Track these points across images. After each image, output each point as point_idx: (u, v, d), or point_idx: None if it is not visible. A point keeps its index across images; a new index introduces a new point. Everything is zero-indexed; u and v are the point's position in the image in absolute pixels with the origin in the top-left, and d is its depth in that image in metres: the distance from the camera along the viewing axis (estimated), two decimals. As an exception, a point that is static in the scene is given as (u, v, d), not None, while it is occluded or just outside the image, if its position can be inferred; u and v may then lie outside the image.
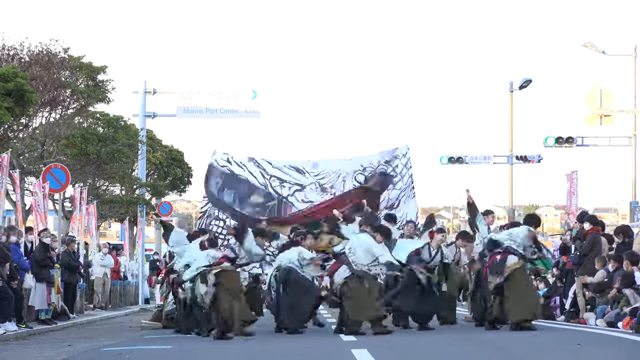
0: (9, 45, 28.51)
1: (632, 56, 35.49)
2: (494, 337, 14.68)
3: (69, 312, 22.80)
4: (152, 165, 41.60)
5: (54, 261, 21.21)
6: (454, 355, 12.33)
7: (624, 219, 62.84)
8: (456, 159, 38.71)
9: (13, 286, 18.43)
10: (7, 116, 23.65)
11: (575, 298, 19.77)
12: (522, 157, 39.08)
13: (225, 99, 38.67)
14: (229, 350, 13.49)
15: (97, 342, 16.09)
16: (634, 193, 35.55)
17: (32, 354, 14.00)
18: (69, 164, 29.25)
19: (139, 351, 13.94)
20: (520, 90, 39.56)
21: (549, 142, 36.42)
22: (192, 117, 39.10)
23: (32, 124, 28.69)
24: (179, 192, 47.37)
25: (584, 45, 35.79)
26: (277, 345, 14.47)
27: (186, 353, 13.60)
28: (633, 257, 17.78)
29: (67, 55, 29.58)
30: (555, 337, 15.04)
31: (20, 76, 24.18)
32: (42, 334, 18.79)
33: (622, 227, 20.99)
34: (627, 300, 17.09)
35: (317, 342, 14.58)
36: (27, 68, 27.44)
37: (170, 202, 47.71)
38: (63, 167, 25.47)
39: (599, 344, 13.56)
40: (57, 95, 29.11)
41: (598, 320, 17.77)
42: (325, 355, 12.62)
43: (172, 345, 14.85)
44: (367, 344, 13.53)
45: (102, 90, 30.31)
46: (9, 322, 17.83)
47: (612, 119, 35.69)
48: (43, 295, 20.51)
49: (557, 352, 12.43)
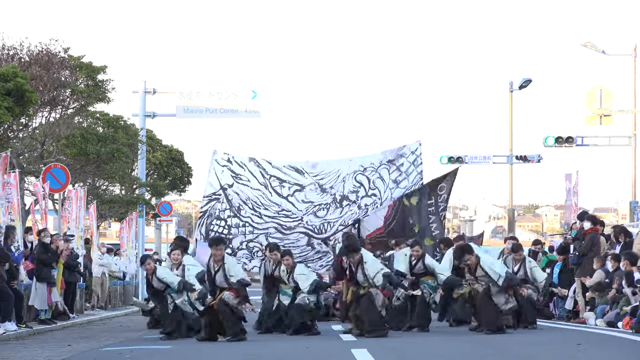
0: (9, 45, 28.49)
1: (632, 56, 35.47)
2: (494, 337, 14.68)
3: (69, 312, 22.79)
4: (152, 165, 41.62)
5: (57, 260, 21.19)
6: (454, 355, 12.33)
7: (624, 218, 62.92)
8: (456, 158, 38.68)
9: (13, 286, 18.43)
10: (7, 116, 23.63)
11: (575, 298, 19.81)
12: (522, 157, 39.07)
13: (225, 98, 38.68)
14: (229, 350, 13.49)
15: (97, 342, 16.08)
16: (634, 193, 35.54)
17: (32, 353, 14.00)
18: (68, 163, 29.25)
19: (139, 351, 13.93)
20: (520, 90, 39.54)
21: (548, 142, 36.41)
22: (192, 117, 39.10)
23: (32, 124, 28.67)
24: (179, 192, 47.39)
25: (584, 45, 35.77)
26: (277, 345, 14.47)
27: (186, 353, 13.59)
28: (632, 257, 17.79)
29: (67, 55, 29.56)
30: (555, 337, 15.05)
31: (20, 76, 24.16)
32: (42, 334, 18.78)
33: (622, 227, 21.01)
34: (627, 300, 17.09)
35: (317, 342, 14.58)
36: (27, 68, 27.42)
37: (170, 202, 47.75)
38: (63, 167, 25.47)
39: (599, 344, 13.56)
40: (57, 95, 29.08)
41: (598, 320, 17.78)
42: (325, 355, 12.62)
43: (172, 345, 14.85)
44: (367, 344, 13.53)
45: (102, 90, 30.29)
46: (9, 322, 17.83)
47: (611, 119, 35.67)
48: (43, 295, 20.51)
49: (557, 352, 12.43)
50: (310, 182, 22.35)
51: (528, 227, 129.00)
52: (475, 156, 39.42)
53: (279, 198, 22.07)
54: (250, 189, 22.19)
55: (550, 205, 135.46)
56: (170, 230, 63.80)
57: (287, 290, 17.00)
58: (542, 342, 13.97)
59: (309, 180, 22.35)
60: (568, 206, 31.92)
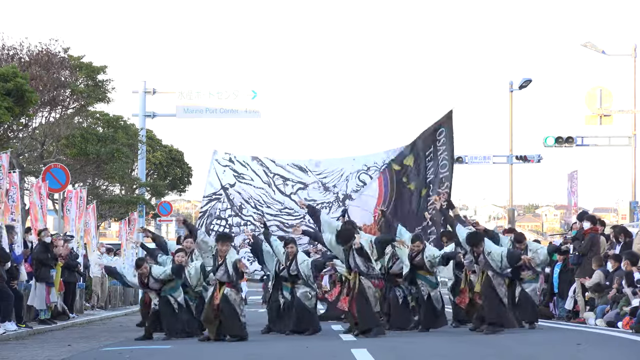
0: (9, 45, 28.52)
1: (631, 56, 35.49)
2: (494, 337, 14.67)
3: (69, 312, 22.79)
4: (151, 165, 41.64)
5: (55, 260, 21.18)
6: (454, 355, 12.32)
7: (624, 218, 62.91)
8: (456, 158, 38.65)
9: (13, 286, 18.42)
10: (7, 116, 23.65)
11: (575, 298, 19.80)
12: (522, 157, 39.07)
13: (225, 98, 38.71)
14: (229, 350, 13.49)
15: (97, 342, 16.07)
16: (634, 193, 35.55)
17: (32, 353, 13.99)
18: (68, 163, 29.28)
19: (139, 351, 13.92)
20: (520, 90, 39.55)
21: (548, 142, 36.43)
22: (192, 117, 39.13)
23: (31, 124, 28.70)
24: (179, 192, 47.44)
25: (584, 45, 35.78)
26: (277, 345, 14.47)
27: (186, 353, 13.59)
28: (632, 257, 17.78)
29: (67, 55, 29.58)
30: (555, 337, 15.05)
31: (20, 76, 24.17)
32: (41, 334, 18.77)
33: (622, 227, 21.01)
34: (627, 300, 17.08)
35: (317, 342, 14.58)
36: (27, 68, 27.45)
37: (170, 201, 47.77)
38: (63, 167, 25.46)
39: (599, 344, 13.56)
40: (56, 95, 29.11)
41: (598, 320, 17.78)
42: (325, 355, 12.61)
43: (172, 345, 14.85)
44: (367, 344, 13.54)
45: (102, 90, 30.32)
46: (8, 321, 17.82)
47: (611, 119, 35.70)
48: (42, 295, 20.50)
49: (557, 352, 12.43)
50: (314, 180, 22.33)
51: (528, 227, 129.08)
52: (475, 156, 39.43)
53: (282, 196, 22.06)
54: (253, 188, 22.17)
55: (550, 205, 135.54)
56: (171, 230, 63.82)
57: (287, 286, 17.08)
58: (542, 342, 13.96)
59: (312, 179, 22.34)
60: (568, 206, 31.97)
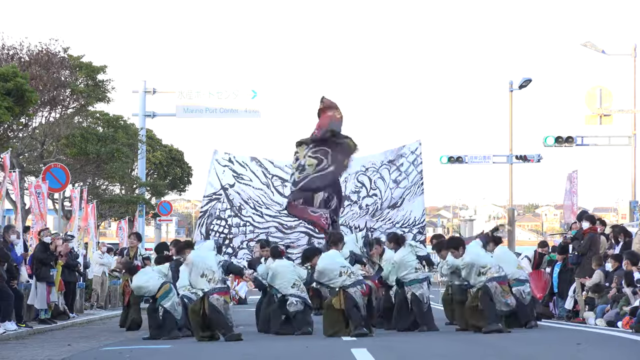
0: (9, 45, 28.54)
1: (631, 56, 35.48)
2: (493, 338, 14.67)
3: (69, 312, 22.79)
4: (151, 164, 41.65)
5: (55, 260, 21.18)
6: (454, 355, 12.32)
7: (624, 218, 62.93)
8: (456, 158, 38.70)
9: (13, 286, 18.42)
10: (7, 116, 23.66)
11: (575, 297, 19.80)
12: (521, 157, 39.08)
13: (225, 98, 38.73)
14: (228, 350, 13.49)
15: (97, 342, 16.08)
16: (634, 192, 35.54)
17: (32, 353, 13.99)
18: (68, 163, 29.28)
19: (138, 351, 13.93)
20: (520, 90, 39.55)
21: (548, 142, 36.41)
22: (191, 117, 39.15)
23: (31, 124, 28.72)
24: (179, 191, 47.45)
25: (584, 45, 35.78)
26: (276, 345, 14.46)
27: (186, 353, 13.59)
28: (633, 257, 17.79)
29: (67, 55, 29.59)
30: (555, 337, 15.05)
31: (20, 76, 24.19)
32: (41, 334, 18.78)
33: (622, 226, 21.01)
34: (627, 300, 17.09)
35: (317, 342, 14.57)
36: (26, 68, 27.46)
37: (170, 201, 47.79)
38: (63, 167, 25.46)
39: (598, 344, 13.57)
40: (56, 94, 29.13)
41: (598, 319, 17.78)
42: (325, 355, 12.62)
43: (172, 345, 14.85)
44: (366, 343, 13.53)
45: (101, 89, 30.35)
46: (8, 321, 17.82)
47: (611, 119, 35.68)
48: (43, 294, 20.50)
49: (557, 352, 12.43)
50: None
51: (528, 226, 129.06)
52: (475, 156, 39.44)
53: (280, 197, 21.99)
54: (252, 189, 22.12)
55: (550, 205, 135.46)
56: (170, 230, 63.84)
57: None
58: (542, 342, 13.97)
59: None
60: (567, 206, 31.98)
